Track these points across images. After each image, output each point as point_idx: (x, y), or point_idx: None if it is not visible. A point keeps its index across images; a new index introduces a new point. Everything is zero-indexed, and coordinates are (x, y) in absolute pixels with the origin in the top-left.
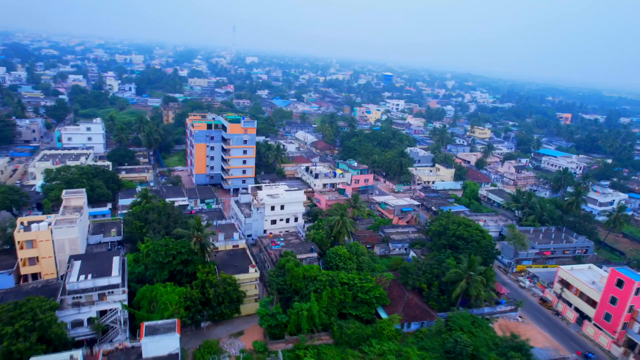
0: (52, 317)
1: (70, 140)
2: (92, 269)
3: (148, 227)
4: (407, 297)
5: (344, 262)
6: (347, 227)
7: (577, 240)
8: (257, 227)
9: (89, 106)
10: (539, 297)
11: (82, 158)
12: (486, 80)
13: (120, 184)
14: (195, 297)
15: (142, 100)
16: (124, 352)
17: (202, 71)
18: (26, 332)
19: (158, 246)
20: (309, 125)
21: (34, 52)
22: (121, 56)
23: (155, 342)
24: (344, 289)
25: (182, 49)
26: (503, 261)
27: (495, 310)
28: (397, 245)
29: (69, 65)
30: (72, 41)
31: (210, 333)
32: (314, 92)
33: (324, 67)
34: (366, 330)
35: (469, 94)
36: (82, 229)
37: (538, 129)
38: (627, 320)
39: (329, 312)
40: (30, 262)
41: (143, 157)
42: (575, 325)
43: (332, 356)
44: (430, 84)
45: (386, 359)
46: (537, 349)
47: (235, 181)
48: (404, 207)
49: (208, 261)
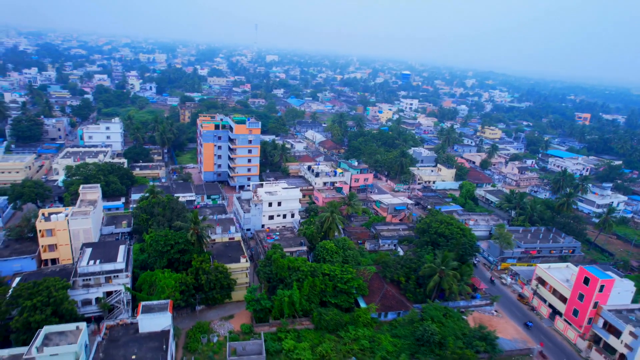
0: (64, 295)
1: (91, 138)
2: (101, 255)
3: (153, 219)
4: (385, 289)
5: (330, 255)
6: (337, 224)
7: (565, 240)
8: (256, 221)
9: (111, 105)
10: (517, 294)
11: (100, 155)
12: (508, 79)
13: (133, 180)
14: (189, 282)
15: (162, 99)
16: (124, 327)
17: (222, 70)
18: (42, 306)
19: (158, 237)
20: (319, 124)
21: (63, 52)
22: (145, 55)
23: (150, 320)
24: (325, 279)
25: (205, 48)
26: (489, 259)
27: (471, 304)
28: (387, 242)
29: (95, 64)
30: (100, 40)
31: (203, 316)
32: (329, 91)
33: (344, 65)
34: (344, 318)
35: (487, 92)
36: (95, 220)
37: (552, 129)
38: (592, 316)
39: (310, 300)
40: (49, 249)
41: (157, 155)
42: (548, 320)
43: (311, 339)
44: (449, 82)
45: (359, 344)
46: (503, 340)
47: (241, 178)
48: (397, 205)
49: (204, 251)
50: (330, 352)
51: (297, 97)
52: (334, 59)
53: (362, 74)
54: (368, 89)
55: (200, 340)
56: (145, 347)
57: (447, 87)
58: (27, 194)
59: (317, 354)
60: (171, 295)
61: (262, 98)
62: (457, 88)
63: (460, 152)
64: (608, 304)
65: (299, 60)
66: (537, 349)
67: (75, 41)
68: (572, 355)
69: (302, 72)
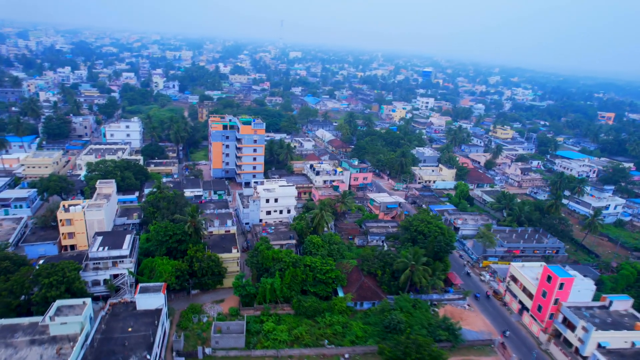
0: (75, 276)
1: (113, 136)
2: (109, 243)
3: (158, 212)
4: (362, 280)
5: (316, 248)
6: (326, 220)
7: (549, 241)
8: (254, 216)
9: (135, 103)
10: (492, 290)
11: (119, 152)
12: (536, 75)
13: (147, 176)
14: (184, 269)
15: (184, 97)
16: (125, 304)
17: (245, 67)
18: (57, 284)
19: (160, 228)
20: (330, 123)
21: (95, 51)
22: (171, 52)
23: (145, 299)
24: (306, 270)
25: (231, 44)
26: (472, 257)
27: (444, 298)
28: (375, 238)
29: (124, 62)
30: (131, 37)
31: (197, 299)
32: (347, 89)
33: (367, 62)
34: (322, 305)
35: (510, 90)
36: (108, 212)
37: (569, 129)
38: (553, 311)
39: (292, 288)
40: (69, 236)
41: (172, 152)
42: (517, 315)
43: (290, 323)
44: (473, 79)
45: (333, 329)
46: (467, 331)
47: (247, 175)
48: (389, 204)
49: (200, 242)
50: (305, 334)
51: (314, 95)
52: (358, 55)
53: (384, 70)
54: (387, 87)
55: (192, 320)
56: (140, 322)
57: (469, 85)
58: (52, 187)
59: (292, 336)
60: (168, 280)
61: (279, 96)
62: (479, 86)
63: (467, 152)
64: (568, 301)
65: (322, 56)
66: (498, 340)
67: (108, 39)
68: (533, 347)
69: (323, 69)
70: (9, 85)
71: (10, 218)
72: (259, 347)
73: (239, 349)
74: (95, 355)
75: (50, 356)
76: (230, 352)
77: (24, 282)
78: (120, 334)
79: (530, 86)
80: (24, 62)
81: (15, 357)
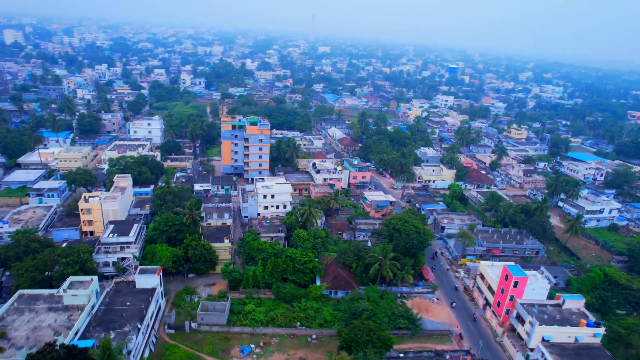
0: (88, 257)
1: (136, 132)
2: (119, 230)
3: (165, 205)
4: (337, 271)
5: (302, 242)
6: (314, 215)
7: (529, 242)
8: (252, 210)
9: (162, 100)
10: (464, 286)
11: (139, 148)
12: (572, 70)
13: (162, 170)
14: (180, 255)
15: (208, 94)
16: (127, 283)
17: (271, 63)
18: (73, 263)
19: (162, 219)
20: (343, 122)
21: (132, 47)
22: (203, 48)
23: (143, 279)
24: (287, 260)
25: (263, 38)
26: (452, 254)
27: (413, 291)
28: (362, 234)
29: (157, 58)
30: (167, 32)
31: (192, 282)
32: (370, 85)
33: (396, 57)
34: (299, 292)
35: (539, 87)
36: (123, 203)
37: (590, 129)
38: (509, 307)
39: (273, 275)
40: (88, 224)
41: (189, 148)
42: (481, 310)
43: (269, 306)
44: (502, 75)
45: (306, 313)
46: (428, 321)
47: (253, 172)
48: (380, 202)
49: (197, 232)
50: (280, 316)
51: (334, 92)
52: (389, 49)
53: (411, 66)
54: (410, 84)
55: (185, 299)
56: (137, 298)
57: (498, 81)
58: (78, 180)
59: (269, 317)
60: (166, 264)
61: (299, 93)
62: (506, 82)
63: (475, 152)
64: (524, 298)
65: (351, 51)
66: (456, 331)
67: (145, 34)
68: (489, 338)
69: (349, 65)
70: (51, 83)
71: (42, 206)
72: (238, 325)
73: (220, 325)
74: (98, 322)
75: (62, 321)
76: (213, 328)
77: (47, 261)
78: (120, 307)
79: (562, 82)
80: (66, 59)
81: (36, 320)
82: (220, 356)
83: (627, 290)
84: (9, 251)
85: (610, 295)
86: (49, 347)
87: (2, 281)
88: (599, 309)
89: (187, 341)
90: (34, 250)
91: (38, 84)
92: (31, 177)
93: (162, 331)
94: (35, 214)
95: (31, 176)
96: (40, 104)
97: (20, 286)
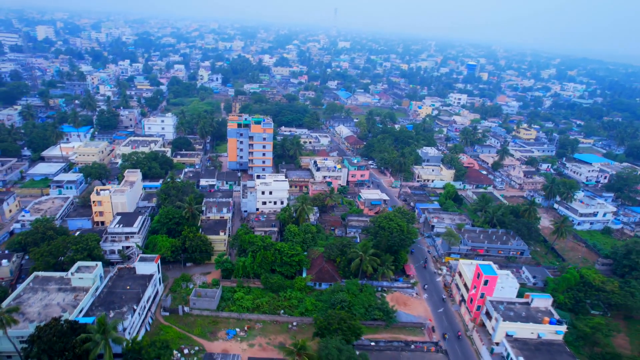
0: (95, 245)
1: (150, 129)
2: (124, 222)
3: (168, 199)
4: (322, 265)
5: (293, 236)
6: (306, 212)
7: (514, 243)
8: (251, 205)
9: (179, 96)
10: (444, 283)
11: (151, 144)
12: (600, 67)
13: (172, 166)
14: (178, 245)
15: (225, 90)
16: (129, 269)
17: (290, 59)
18: (82, 250)
19: (163, 212)
20: (351, 119)
21: (155, 42)
22: (223, 43)
23: (142, 266)
24: (275, 253)
25: (285, 32)
26: (439, 252)
27: (393, 285)
28: (353, 230)
29: (178, 54)
30: (191, 26)
31: (189, 270)
32: (385, 82)
33: (417, 52)
34: (286, 282)
35: (559, 85)
36: (131, 197)
37: (605, 130)
38: (480, 304)
39: (262, 267)
40: (99, 215)
41: (199, 145)
42: (457, 306)
43: (257, 294)
44: (524, 72)
45: (290, 302)
46: (404, 313)
47: (257, 169)
48: (373, 200)
49: (195, 225)
50: (265, 304)
51: (347, 89)
52: (410, 45)
53: (430, 62)
54: (425, 81)
55: (181, 286)
56: (136, 283)
57: (518, 79)
58: (93, 173)
59: (255, 304)
60: (165, 253)
61: (312, 90)
62: (526, 80)
63: (479, 152)
64: (494, 296)
65: (372, 46)
66: (428, 324)
67: (170, 28)
68: (462, 332)
69: (367, 61)
70: (76, 79)
71: (60, 197)
72: (226, 310)
73: (210, 310)
74: (100, 302)
75: (69, 300)
76: (203, 312)
77: (60, 247)
78: (120, 290)
79: (587, 79)
80: (92, 54)
81: (47, 298)
82: (207, 337)
83: (600, 291)
84: (28, 237)
85: (582, 295)
86: (55, 321)
87: (22, 264)
88: (572, 309)
89: (179, 323)
90: (49, 238)
91: (64, 80)
92: (53, 170)
93: (158, 314)
94: (53, 204)
95: (53, 169)
96: (65, 99)
97: (36, 269)
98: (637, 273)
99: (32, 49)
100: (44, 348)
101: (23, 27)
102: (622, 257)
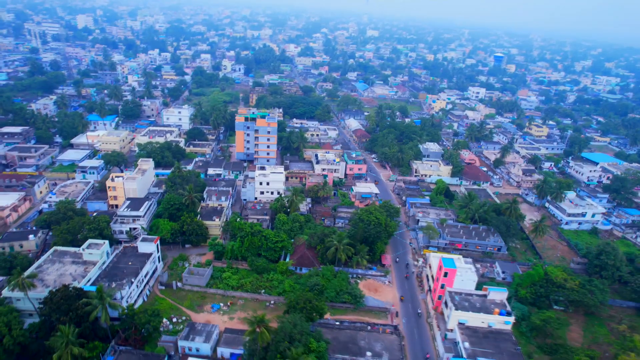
0: (105, 225)
1: (168, 119)
2: (132, 206)
3: (174, 187)
4: (304, 252)
5: (282, 225)
6: (297, 203)
7: (491, 239)
8: (250, 195)
9: (202, 86)
10: (417, 273)
11: (167, 134)
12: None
13: (184, 155)
14: (176, 229)
15: (246, 80)
16: (132, 248)
17: (315, 48)
18: (94, 229)
19: (166, 198)
20: (362, 112)
21: (186, 30)
22: (251, 31)
23: (143, 245)
24: (262, 239)
25: (316, 19)
26: (419, 245)
27: (367, 273)
28: (341, 221)
29: (206, 43)
30: (224, 13)
31: (187, 251)
32: (406, 74)
33: (447, 41)
34: (270, 266)
35: (590, 79)
36: (143, 183)
37: (625, 128)
38: (441, 294)
39: (249, 250)
40: (113, 199)
41: (211, 135)
42: (424, 294)
43: (243, 274)
44: (555, 65)
45: (271, 283)
46: (371, 298)
47: (262, 160)
48: (364, 193)
49: (194, 211)
50: (248, 283)
51: (366, 81)
52: (442, 33)
53: (459, 52)
54: (447, 73)
55: (178, 264)
56: (137, 260)
57: (548, 71)
58: (112, 161)
59: (239, 283)
60: (165, 235)
61: (331, 82)
62: (556, 73)
63: (484, 148)
64: (454, 287)
65: (401, 34)
66: (393, 310)
67: (202, 15)
68: (423, 318)
69: (392, 51)
70: (107, 69)
71: (83, 181)
72: (213, 287)
73: (200, 286)
74: (105, 275)
75: (80, 271)
76: (194, 288)
77: (76, 227)
78: (123, 265)
79: (624, 72)
80: (126, 43)
81: (62, 269)
82: (195, 309)
83: (560, 288)
84: (52, 217)
85: (543, 291)
86: (64, 287)
87: (46, 239)
88: (533, 303)
89: (172, 296)
90: (69, 218)
91: (97, 69)
92: (79, 156)
93: (156, 287)
94: (77, 187)
95: (79, 155)
96: (96, 89)
97: (56, 244)
98: (606, 273)
99: (72, 37)
100: (54, 308)
101: (66, 16)
102: (594, 257)
